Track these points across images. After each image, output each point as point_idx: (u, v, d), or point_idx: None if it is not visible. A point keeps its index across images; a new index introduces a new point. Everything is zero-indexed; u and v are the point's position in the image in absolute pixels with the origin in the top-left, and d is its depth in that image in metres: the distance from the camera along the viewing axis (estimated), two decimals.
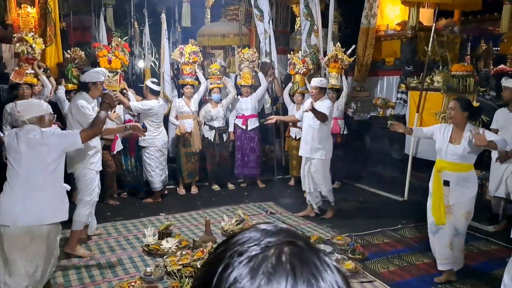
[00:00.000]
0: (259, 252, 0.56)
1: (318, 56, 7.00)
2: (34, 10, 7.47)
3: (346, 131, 6.68)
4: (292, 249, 0.57)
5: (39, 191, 2.93)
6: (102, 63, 5.61)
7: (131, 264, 4.00)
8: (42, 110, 3.03)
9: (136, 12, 7.98)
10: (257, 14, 7.08)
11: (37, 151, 2.92)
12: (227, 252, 0.58)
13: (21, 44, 5.45)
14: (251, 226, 0.63)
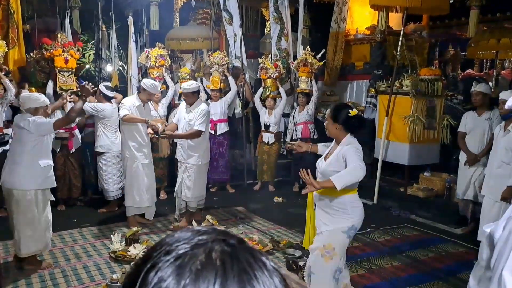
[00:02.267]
0: (187, 250, 0.52)
1: (288, 60, 6.97)
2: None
3: (316, 135, 6.64)
4: (223, 246, 0.53)
5: (16, 164, 3.64)
6: (57, 62, 5.44)
7: (97, 271, 3.90)
8: (38, 103, 3.67)
9: (103, 15, 7.76)
10: (226, 17, 7.00)
11: (20, 133, 3.65)
12: (154, 252, 0.54)
13: None
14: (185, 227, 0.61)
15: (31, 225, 3.65)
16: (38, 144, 3.65)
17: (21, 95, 3.94)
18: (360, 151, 2.93)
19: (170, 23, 8.12)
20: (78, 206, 5.76)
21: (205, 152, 4.98)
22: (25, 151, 3.64)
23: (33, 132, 3.58)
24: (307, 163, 6.58)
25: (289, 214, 5.61)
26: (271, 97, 6.56)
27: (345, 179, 2.82)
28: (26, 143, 3.64)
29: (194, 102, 4.83)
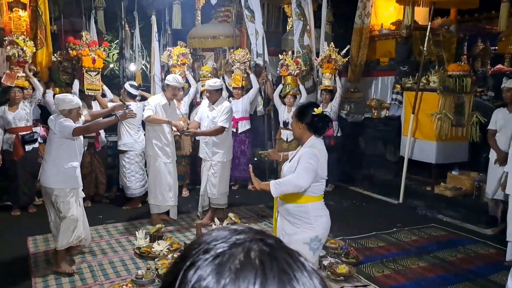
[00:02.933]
0: (226, 250, 0.52)
1: (311, 56, 6.89)
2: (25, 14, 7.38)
3: (339, 133, 6.55)
4: (262, 246, 0.53)
5: (45, 162, 3.76)
6: (85, 62, 5.51)
7: (123, 266, 3.95)
8: (71, 105, 3.69)
9: (127, 14, 7.88)
10: (248, 15, 6.97)
11: (50, 133, 3.79)
12: (193, 251, 0.54)
13: (12, 47, 5.40)
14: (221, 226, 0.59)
15: (61, 220, 3.71)
16: (63, 145, 3.68)
17: (56, 96, 3.96)
18: (316, 157, 2.68)
19: (192, 22, 8.15)
20: (104, 203, 5.84)
21: (229, 149, 5.00)
22: (51, 151, 3.72)
23: (56, 133, 3.64)
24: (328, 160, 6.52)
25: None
26: (291, 94, 6.48)
27: (282, 186, 2.69)
28: (52, 142, 3.72)
29: (217, 99, 4.82)
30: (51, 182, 3.68)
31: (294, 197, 2.76)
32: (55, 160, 3.68)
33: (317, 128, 2.78)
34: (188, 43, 7.15)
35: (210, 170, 4.96)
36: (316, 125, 2.75)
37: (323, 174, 2.80)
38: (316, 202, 2.81)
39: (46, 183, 3.70)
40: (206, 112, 4.88)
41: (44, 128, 5.75)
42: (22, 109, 5.29)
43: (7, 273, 3.79)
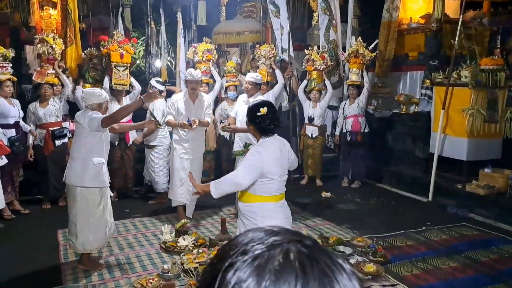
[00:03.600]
0: (264, 251, 0.53)
1: (338, 51, 6.78)
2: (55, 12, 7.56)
3: (367, 129, 6.43)
4: (300, 247, 0.53)
5: (73, 159, 3.69)
6: (114, 57, 5.60)
7: (149, 261, 3.99)
8: (101, 99, 3.68)
9: (153, 11, 7.95)
10: (273, 10, 6.91)
11: (77, 128, 3.72)
12: (230, 252, 0.54)
13: (42, 45, 5.51)
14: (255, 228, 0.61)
15: (87, 221, 3.65)
16: (92, 140, 3.63)
17: (84, 90, 3.97)
18: (260, 154, 2.60)
19: (217, 18, 8.16)
20: (131, 197, 5.92)
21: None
22: (80, 146, 3.66)
23: (86, 126, 3.57)
24: (355, 157, 6.44)
25: (338, 210, 5.47)
26: (317, 90, 6.41)
27: (222, 185, 2.65)
28: (80, 138, 3.66)
29: (255, 93, 4.83)
30: (78, 180, 3.61)
31: (245, 196, 2.70)
32: (84, 156, 3.61)
33: (262, 129, 2.66)
34: (213, 39, 7.16)
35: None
36: (262, 125, 2.64)
37: (273, 172, 2.63)
38: (265, 203, 2.65)
39: (72, 181, 3.62)
40: (242, 106, 4.84)
41: (73, 124, 5.86)
42: (52, 105, 5.41)
43: (37, 266, 3.86)
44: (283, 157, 2.70)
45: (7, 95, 5.11)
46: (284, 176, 2.73)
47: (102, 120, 3.51)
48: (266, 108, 2.62)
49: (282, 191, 2.74)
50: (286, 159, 2.74)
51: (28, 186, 5.56)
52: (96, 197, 3.67)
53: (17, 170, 5.29)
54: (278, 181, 2.68)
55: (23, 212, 5.21)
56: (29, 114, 5.34)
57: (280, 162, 2.67)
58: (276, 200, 2.70)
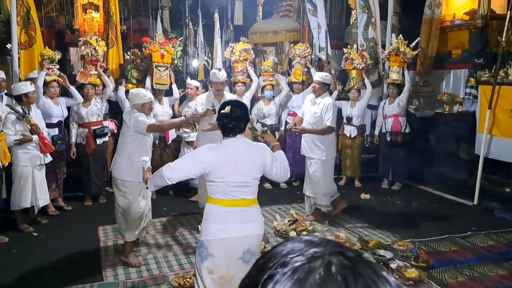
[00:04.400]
0: (304, 263, 0.51)
1: (377, 49, 6.62)
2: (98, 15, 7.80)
3: (408, 129, 6.23)
4: (342, 260, 0.51)
5: (118, 154, 3.89)
6: (155, 57, 5.71)
7: (186, 259, 4.00)
8: (145, 99, 3.81)
9: (191, 13, 8.05)
10: (310, 8, 6.84)
11: (123, 126, 3.91)
12: (269, 263, 0.53)
13: (86, 47, 5.69)
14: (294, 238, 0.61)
15: (128, 212, 3.82)
16: (135, 139, 3.77)
17: (130, 91, 4.09)
18: (204, 150, 2.49)
19: (253, 17, 8.16)
20: (169, 195, 5.99)
21: (330, 146, 4.80)
22: (124, 144, 3.82)
23: (131, 126, 3.72)
24: (396, 158, 6.25)
25: (378, 213, 5.32)
26: (356, 89, 6.27)
27: (153, 177, 2.57)
28: (125, 136, 3.82)
29: (322, 94, 4.72)
30: (122, 174, 3.78)
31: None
32: (128, 153, 3.77)
33: (222, 128, 2.51)
34: (250, 39, 7.16)
35: (310, 169, 4.84)
36: (221, 124, 2.50)
37: (219, 174, 2.45)
38: (212, 205, 2.50)
39: (117, 175, 3.81)
40: (309, 106, 4.77)
41: (113, 123, 6.02)
42: (94, 105, 5.56)
43: (79, 262, 3.97)
44: (243, 162, 2.46)
45: (52, 96, 5.30)
46: (240, 182, 2.46)
47: (148, 127, 3.66)
48: (230, 107, 2.46)
49: (235, 197, 2.47)
50: (249, 165, 2.48)
51: (70, 184, 5.73)
52: (137, 190, 3.81)
53: (60, 168, 5.47)
54: (225, 184, 2.45)
55: (66, 208, 5.38)
56: (72, 114, 5.52)
57: (235, 166, 2.44)
58: (225, 205, 2.47)
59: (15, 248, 4.24)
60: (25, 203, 4.65)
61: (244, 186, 2.48)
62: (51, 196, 5.12)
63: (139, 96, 3.80)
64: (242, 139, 2.52)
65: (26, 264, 3.88)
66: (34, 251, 4.17)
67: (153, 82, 5.72)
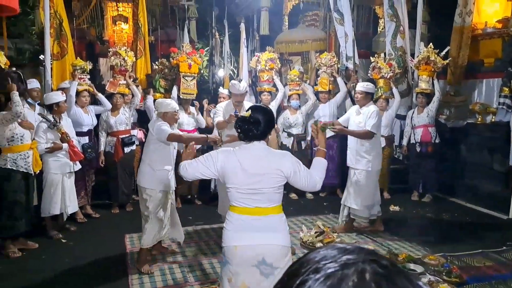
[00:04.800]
0: (337, 270, 0.51)
1: (405, 58, 6.50)
2: (127, 26, 8.00)
3: (438, 140, 6.07)
4: (376, 268, 0.51)
5: (142, 162, 3.93)
6: (182, 67, 5.76)
7: (211, 269, 3.98)
8: (167, 108, 3.83)
9: (217, 23, 8.14)
10: (337, 17, 6.79)
11: (148, 135, 3.97)
12: (302, 269, 0.53)
13: (116, 57, 5.79)
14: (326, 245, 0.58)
15: (150, 219, 3.83)
16: (158, 148, 3.81)
17: (156, 100, 4.15)
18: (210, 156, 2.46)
19: (279, 27, 8.17)
20: (195, 204, 6.00)
21: (376, 157, 4.68)
22: (147, 152, 3.88)
23: (154, 134, 3.78)
24: (426, 169, 6.09)
25: (408, 225, 5.17)
26: (383, 98, 6.15)
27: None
28: (149, 144, 3.89)
29: (366, 104, 4.60)
30: (145, 182, 3.83)
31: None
32: (151, 162, 3.82)
33: (240, 132, 2.44)
34: (276, 48, 7.16)
35: (353, 179, 4.72)
36: (236, 126, 2.46)
37: (230, 181, 2.41)
38: (229, 211, 2.47)
39: (141, 182, 3.86)
40: (353, 117, 4.68)
41: (141, 131, 6.09)
42: (123, 114, 5.65)
43: (106, 269, 3.99)
44: (255, 168, 2.37)
45: (83, 105, 5.42)
46: (251, 189, 2.38)
47: (169, 136, 3.67)
48: (250, 112, 2.40)
49: (247, 204, 2.38)
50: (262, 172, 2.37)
51: (98, 191, 5.82)
52: (159, 198, 3.83)
53: (89, 176, 5.56)
54: (236, 191, 2.40)
55: (94, 216, 5.45)
56: (101, 122, 5.62)
57: (245, 172, 2.37)
58: (238, 212, 2.41)
59: (45, 254, 4.31)
60: (55, 210, 4.73)
61: (256, 194, 2.38)
62: (79, 203, 5.20)
63: (163, 105, 3.85)
64: (260, 145, 2.42)
65: (54, 270, 3.93)
66: (63, 257, 4.22)
67: (179, 92, 5.78)
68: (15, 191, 4.19)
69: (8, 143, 4.14)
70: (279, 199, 2.46)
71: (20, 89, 4.11)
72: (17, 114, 4.02)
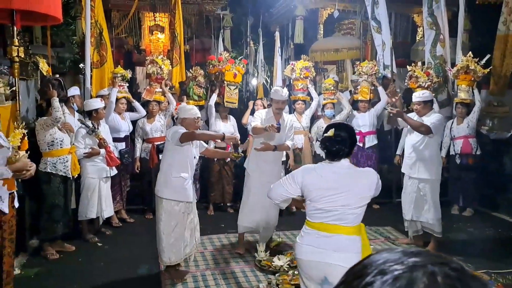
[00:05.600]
0: (405, 272, 0.50)
1: (445, 67, 6.31)
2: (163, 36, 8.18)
3: (479, 151, 5.82)
4: (447, 271, 0.49)
5: (160, 171, 3.81)
6: (227, 76, 5.85)
7: (244, 278, 3.96)
8: (188, 114, 3.76)
9: (251, 32, 8.18)
10: (375, 25, 6.68)
11: (165, 143, 3.85)
12: (366, 270, 0.52)
13: (152, 65, 5.91)
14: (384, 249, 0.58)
15: (167, 233, 3.70)
16: (174, 154, 3.69)
17: (179, 106, 4.18)
18: (292, 176, 2.46)
19: (314, 36, 8.13)
20: (228, 212, 5.99)
21: (438, 165, 4.49)
22: (165, 159, 3.79)
23: (169, 139, 3.67)
24: (466, 182, 5.84)
25: (448, 240, 4.95)
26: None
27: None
28: (166, 151, 3.79)
29: (427, 113, 4.40)
30: (161, 191, 3.72)
31: None
32: (167, 169, 3.71)
33: (325, 150, 2.43)
34: (310, 57, 7.12)
35: (417, 191, 4.50)
36: (323, 146, 2.45)
37: (310, 196, 2.39)
38: (305, 226, 2.46)
39: (158, 192, 3.74)
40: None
41: None
42: (158, 121, 5.73)
43: (139, 273, 4.03)
44: (333, 188, 2.34)
45: (120, 111, 5.54)
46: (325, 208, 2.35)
47: (182, 135, 3.54)
48: (334, 130, 2.39)
49: (320, 220, 2.37)
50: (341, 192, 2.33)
51: (133, 197, 5.91)
52: (177, 210, 3.70)
53: (125, 181, 5.65)
54: (311, 206, 2.40)
55: (128, 220, 5.53)
56: (137, 129, 5.72)
57: (323, 191, 2.35)
58: (309, 226, 2.41)
59: (81, 256, 4.40)
60: (92, 214, 4.83)
61: (332, 211, 2.34)
62: (115, 208, 5.29)
63: (184, 110, 3.79)
64: (345, 163, 2.40)
65: (90, 273, 4.00)
66: (98, 260, 4.29)
67: (223, 100, 5.82)
68: (54, 194, 4.31)
69: (48, 148, 4.27)
70: (355, 220, 2.37)
71: (60, 95, 4.23)
72: (56, 119, 4.14)
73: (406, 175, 4.62)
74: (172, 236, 3.70)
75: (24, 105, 4.87)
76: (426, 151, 4.39)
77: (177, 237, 3.72)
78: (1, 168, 3.18)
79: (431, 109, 4.47)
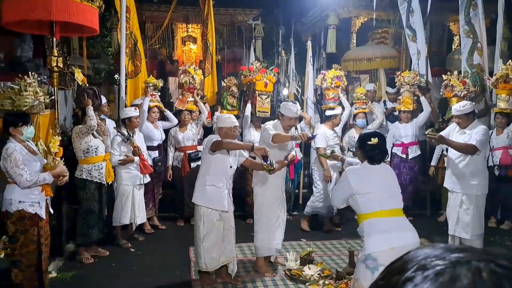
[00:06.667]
0: (447, 267, 0.48)
1: (483, 76, 6.12)
2: (195, 47, 8.34)
3: None
4: (494, 267, 0.47)
5: (197, 179, 3.86)
6: (258, 86, 5.87)
7: (274, 287, 3.96)
8: (225, 123, 3.82)
9: (283, 42, 8.22)
10: (409, 34, 6.58)
11: (202, 151, 3.94)
12: (407, 265, 0.51)
13: (185, 75, 6.01)
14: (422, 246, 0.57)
15: (204, 239, 3.71)
16: (209, 162, 3.73)
17: (217, 114, 4.21)
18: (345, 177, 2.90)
19: (347, 45, 8.07)
20: None
21: (484, 179, 4.28)
22: (201, 167, 3.87)
23: (204, 147, 3.76)
24: (506, 194, 5.60)
25: None
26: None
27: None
28: (202, 159, 3.91)
29: (469, 125, 4.18)
30: (197, 198, 3.78)
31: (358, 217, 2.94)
32: (203, 177, 3.77)
33: (369, 157, 2.91)
34: (343, 66, 7.07)
35: (461, 206, 4.30)
36: (369, 154, 2.90)
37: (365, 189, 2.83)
38: (370, 219, 2.79)
39: (195, 199, 3.81)
40: (456, 136, 4.29)
41: None
42: (190, 130, 5.82)
43: (171, 279, 4.07)
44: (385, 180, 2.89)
45: (153, 120, 5.66)
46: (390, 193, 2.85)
47: (213, 143, 3.58)
48: (377, 139, 2.86)
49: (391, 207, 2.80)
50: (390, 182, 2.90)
51: (165, 204, 6.00)
52: (211, 217, 3.71)
53: (157, 189, 5.75)
54: (372, 198, 2.79)
55: (160, 227, 5.62)
56: (169, 138, 5.82)
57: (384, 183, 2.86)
58: (381, 216, 2.76)
59: (114, 261, 4.49)
60: (125, 220, 4.93)
61: (392, 197, 2.83)
62: (147, 214, 5.38)
63: (222, 120, 3.86)
64: (386, 165, 3.01)
65: (123, 277, 4.07)
66: (131, 265, 4.37)
67: (255, 110, 5.86)
68: (90, 200, 4.43)
69: (84, 155, 4.40)
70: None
71: (95, 104, 4.37)
72: (91, 127, 4.27)
73: (449, 190, 4.43)
74: (207, 242, 3.71)
75: (62, 114, 5.05)
76: (471, 165, 4.18)
77: (212, 244, 3.72)
78: (43, 174, 3.32)
79: (474, 120, 4.28)
